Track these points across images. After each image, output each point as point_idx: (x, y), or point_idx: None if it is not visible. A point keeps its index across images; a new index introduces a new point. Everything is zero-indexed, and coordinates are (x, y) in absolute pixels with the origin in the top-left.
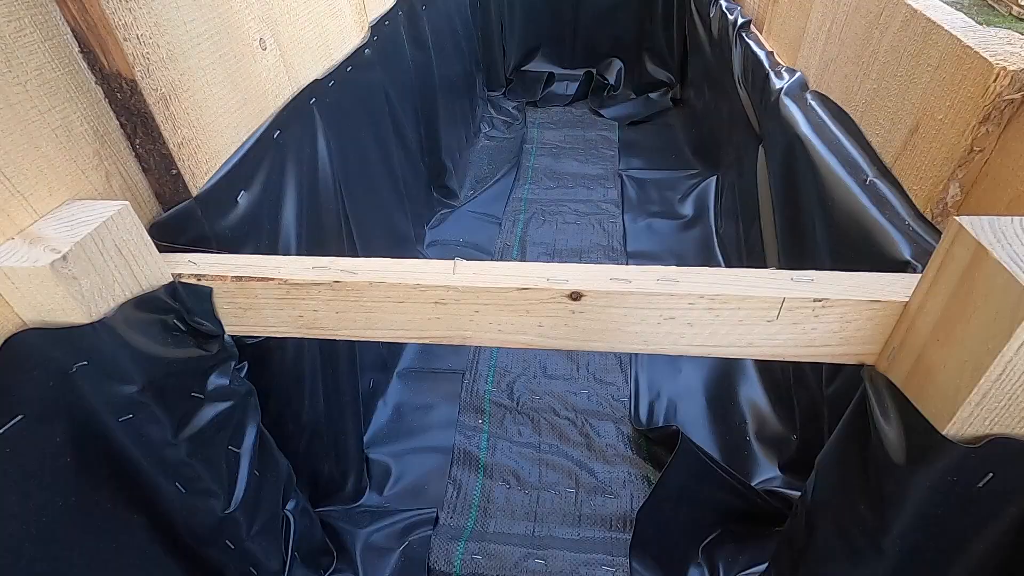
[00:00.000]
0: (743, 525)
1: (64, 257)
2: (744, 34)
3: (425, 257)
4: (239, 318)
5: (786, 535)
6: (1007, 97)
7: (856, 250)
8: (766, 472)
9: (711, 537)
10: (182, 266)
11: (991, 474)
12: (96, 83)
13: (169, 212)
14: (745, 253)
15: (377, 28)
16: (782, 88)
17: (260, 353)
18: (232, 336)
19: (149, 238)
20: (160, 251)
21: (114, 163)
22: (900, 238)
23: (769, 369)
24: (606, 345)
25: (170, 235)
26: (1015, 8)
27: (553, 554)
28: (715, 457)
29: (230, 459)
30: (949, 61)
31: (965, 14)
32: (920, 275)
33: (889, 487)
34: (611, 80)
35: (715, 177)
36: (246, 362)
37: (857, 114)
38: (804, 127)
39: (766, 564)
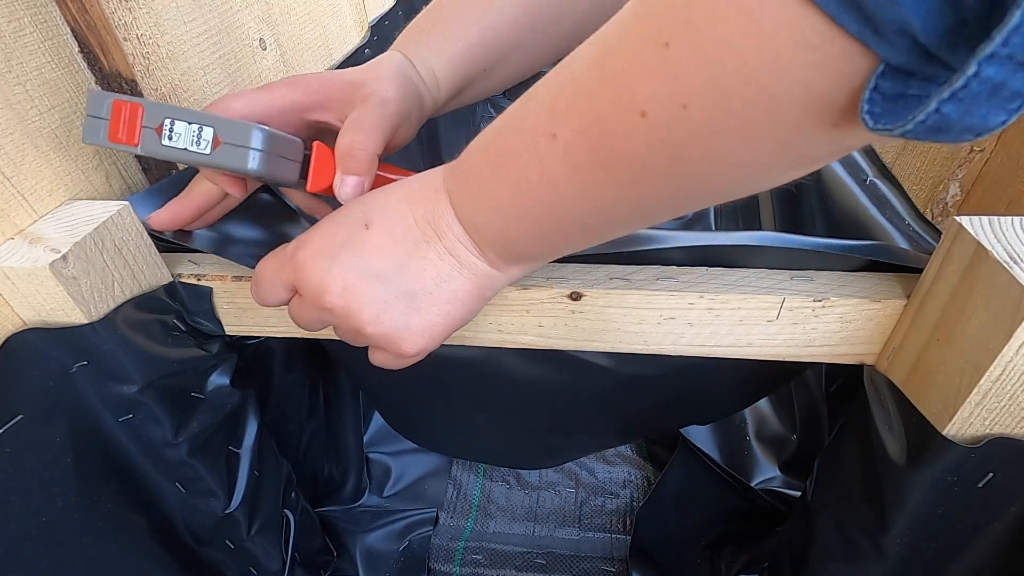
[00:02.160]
0: (743, 525)
1: (64, 257)
2: None
3: None
4: (239, 318)
5: (786, 535)
6: None
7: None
8: (766, 472)
9: (711, 537)
10: (182, 266)
11: (991, 474)
12: (96, 83)
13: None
14: None
15: (377, 28)
16: None
17: (260, 353)
18: (232, 336)
19: (149, 238)
20: (160, 251)
21: (114, 163)
22: (900, 238)
23: None
24: (606, 345)
25: None
26: None
27: (553, 554)
28: (715, 457)
29: (230, 459)
30: None
31: None
32: (920, 275)
33: (889, 487)
34: None
35: None
36: (246, 362)
37: None
38: None
39: (766, 564)
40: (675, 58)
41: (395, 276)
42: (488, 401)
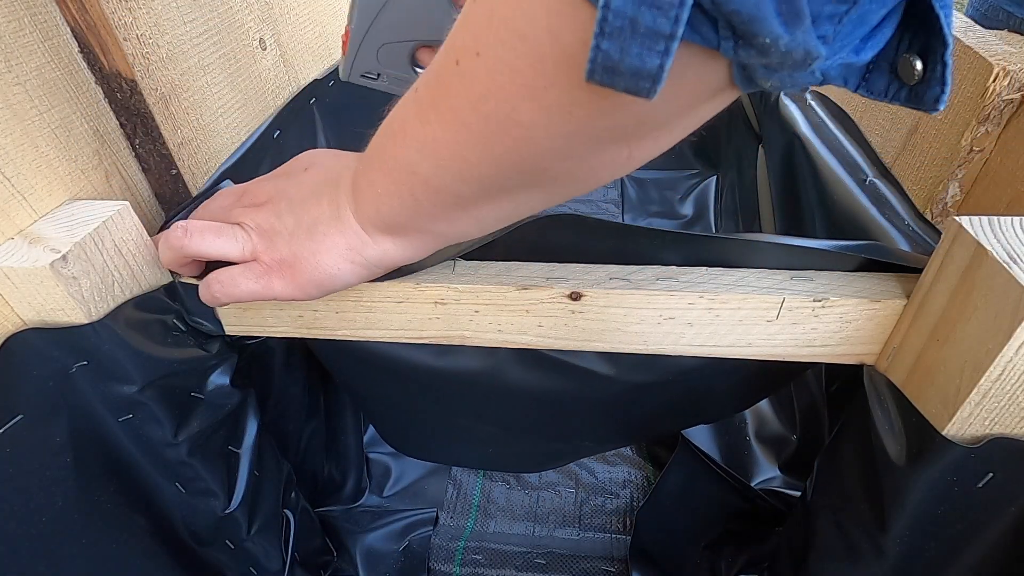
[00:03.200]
0: (743, 525)
1: (64, 257)
2: None
3: None
4: (239, 318)
5: (786, 535)
6: (1006, 97)
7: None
8: (766, 472)
9: (711, 537)
10: None
11: (991, 474)
12: (96, 83)
13: (169, 212)
14: None
15: None
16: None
17: (260, 353)
18: (232, 336)
19: (149, 238)
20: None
21: (114, 163)
22: (900, 238)
23: None
24: (606, 345)
25: None
26: None
27: (553, 554)
28: (715, 457)
29: (230, 459)
30: None
31: (962, 13)
32: (920, 275)
33: (889, 487)
34: None
35: (715, 177)
36: (246, 362)
37: (857, 114)
38: (804, 127)
39: (766, 564)
40: (475, 12)
41: (298, 204)
42: (490, 412)
